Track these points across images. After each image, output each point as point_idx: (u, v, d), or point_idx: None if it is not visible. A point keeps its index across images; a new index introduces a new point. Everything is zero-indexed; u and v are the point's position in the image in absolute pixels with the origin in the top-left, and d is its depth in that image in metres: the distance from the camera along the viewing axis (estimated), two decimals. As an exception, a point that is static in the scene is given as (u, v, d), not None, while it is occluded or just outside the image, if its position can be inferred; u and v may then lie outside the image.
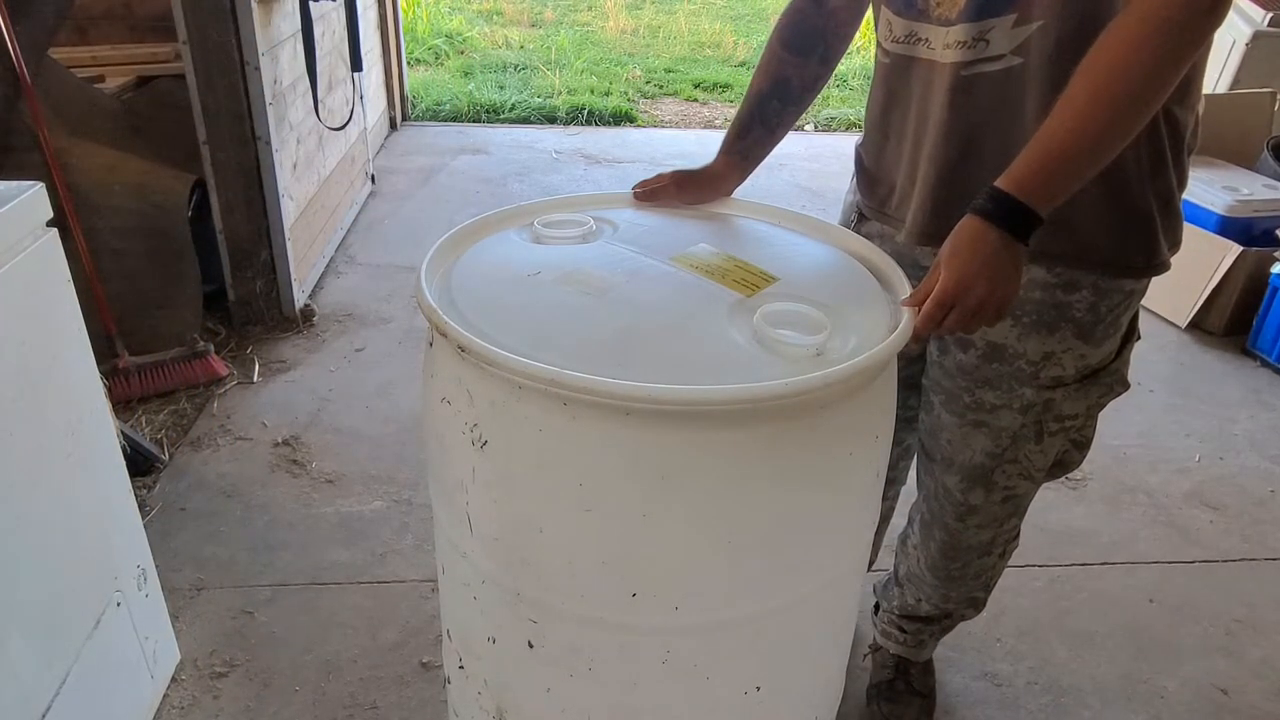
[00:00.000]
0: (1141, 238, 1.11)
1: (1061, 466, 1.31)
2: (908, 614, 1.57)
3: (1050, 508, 2.20)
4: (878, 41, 1.19)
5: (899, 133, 1.19)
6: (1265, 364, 2.89)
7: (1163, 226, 1.11)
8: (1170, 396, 2.72)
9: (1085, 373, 1.19)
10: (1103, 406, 1.24)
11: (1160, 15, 0.87)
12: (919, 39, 1.10)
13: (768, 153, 1.31)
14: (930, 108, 1.11)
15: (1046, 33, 1.00)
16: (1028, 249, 0.95)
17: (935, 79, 1.10)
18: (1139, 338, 1.24)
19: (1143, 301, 1.19)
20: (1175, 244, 1.15)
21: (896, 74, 1.16)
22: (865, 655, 1.69)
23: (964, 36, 1.04)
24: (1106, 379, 1.21)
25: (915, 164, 1.17)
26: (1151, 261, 1.13)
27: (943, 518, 1.36)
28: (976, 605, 1.52)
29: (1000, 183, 0.93)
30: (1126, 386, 1.24)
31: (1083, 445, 1.29)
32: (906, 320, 0.95)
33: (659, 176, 1.26)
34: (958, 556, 1.39)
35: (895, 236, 1.23)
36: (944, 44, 1.07)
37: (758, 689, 1.03)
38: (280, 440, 2.32)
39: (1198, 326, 3.07)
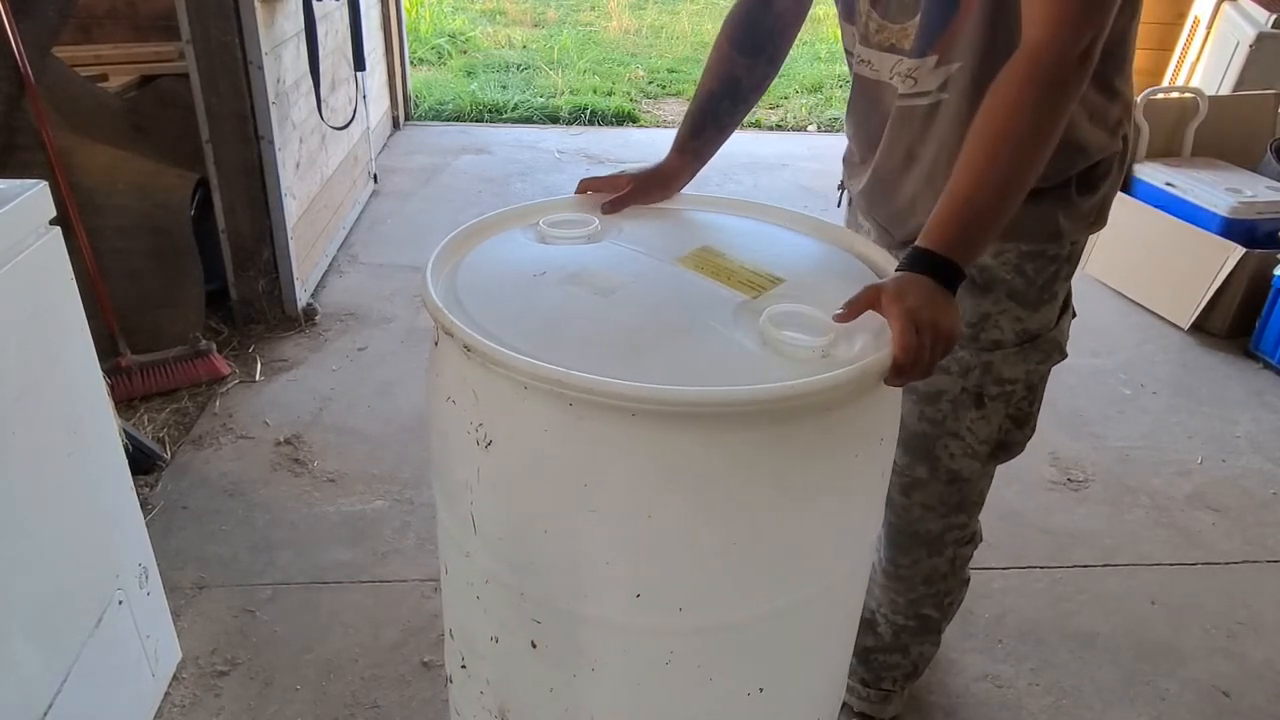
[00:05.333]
0: (1050, 207, 1.16)
1: (1004, 449, 1.32)
2: (866, 649, 1.54)
3: (1052, 509, 2.20)
4: (845, 48, 1.27)
5: (865, 128, 1.29)
6: (1268, 366, 2.89)
7: (1079, 194, 1.17)
8: (1173, 398, 2.71)
9: (1024, 337, 1.23)
10: (1040, 375, 1.28)
11: (1034, 76, 0.95)
12: (865, 61, 1.20)
13: (717, 149, 1.34)
14: (877, 121, 1.23)
15: (965, 72, 1.10)
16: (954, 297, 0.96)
17: (884, 98, 1.20)
18: (1074, 315, 1.30)
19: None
20: (1097, 215, 1.20)
21: (858, 82, 1.26)
22: None
23: (901, 70, 1.15)
24: (1044, 345, 1.25)
25: (870, 160, 1.27)
26: (1067, 230, 1.18)
27: (889, 494, 1.35)
28: (929, 629, 1.51)
29: (920, 240, 0.98)
30: (1064, 355, 1.28)
31: (1023, 422, 1.31)
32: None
33: (614, 180, 1.25)
34: (907, 549, 1.40)
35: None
36: (888, 70, 1.17)
37: (760, 690, 1.02)
38: (282, 439, 2.32)
39: (1200, 328, 3.06)
